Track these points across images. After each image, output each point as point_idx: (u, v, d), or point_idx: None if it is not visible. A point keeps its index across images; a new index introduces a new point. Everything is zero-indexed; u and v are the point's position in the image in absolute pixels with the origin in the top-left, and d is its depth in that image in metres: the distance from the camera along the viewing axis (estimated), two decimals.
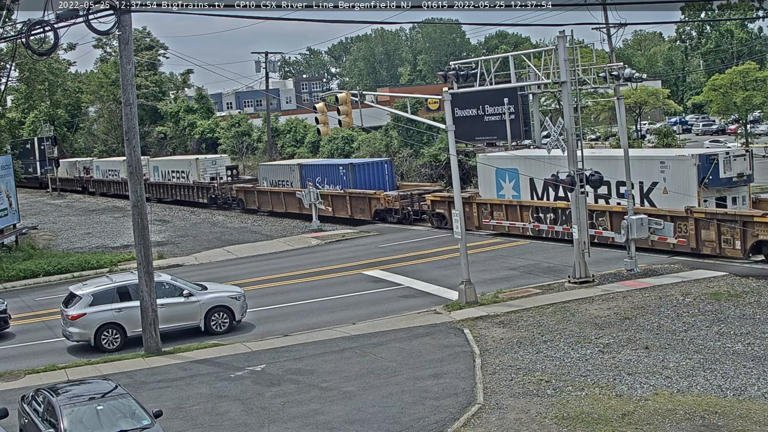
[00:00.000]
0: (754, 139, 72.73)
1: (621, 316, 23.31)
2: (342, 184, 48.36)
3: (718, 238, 28.80)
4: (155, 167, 69.59)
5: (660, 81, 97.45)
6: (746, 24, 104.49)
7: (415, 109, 61.81)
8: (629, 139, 38.32)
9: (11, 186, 44.80)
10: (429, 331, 23.53)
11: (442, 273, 31.21)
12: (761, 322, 21.92)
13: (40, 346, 25.95)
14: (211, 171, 62.33)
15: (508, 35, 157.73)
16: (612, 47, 61.34)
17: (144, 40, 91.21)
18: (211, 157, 65.36)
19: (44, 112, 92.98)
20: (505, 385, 18.54)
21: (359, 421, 17.13)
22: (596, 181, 28.24)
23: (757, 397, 16.94)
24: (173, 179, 66.21)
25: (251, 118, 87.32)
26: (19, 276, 37.38)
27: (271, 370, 21.08)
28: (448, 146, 27.45)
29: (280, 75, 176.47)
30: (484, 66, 29.41)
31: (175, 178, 65.97)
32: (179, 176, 65.39)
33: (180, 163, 67.00)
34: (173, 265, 38.01)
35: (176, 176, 65.98)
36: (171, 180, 66.50)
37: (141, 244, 23.45)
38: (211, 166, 62.84)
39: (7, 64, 48.44)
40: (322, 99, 34.58)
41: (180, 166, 66.01)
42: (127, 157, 23.70)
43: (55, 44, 23.32)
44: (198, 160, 63.48)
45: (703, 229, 29.24)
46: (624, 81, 29.46)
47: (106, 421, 15.10)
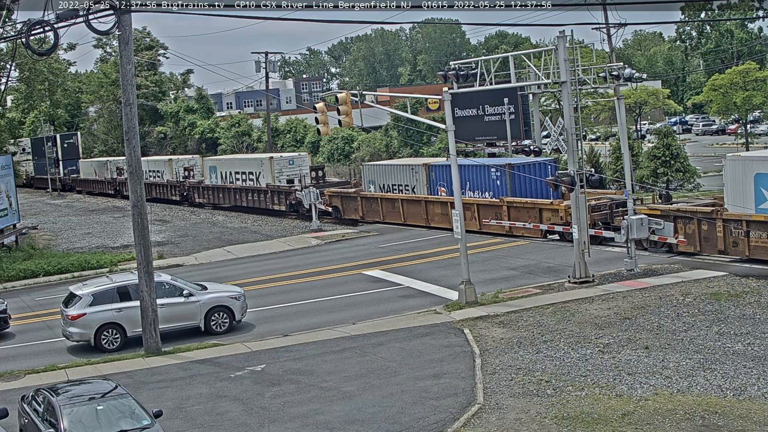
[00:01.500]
0: (754, 139, 72.69)
1: (621, 316, 23.31)
2: (495, 190, 38.82)
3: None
4: (212, 168, 61.37)
5: (660, 81, 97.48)
6: (746, 24, 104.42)
7: (415, 109, 61.92)
8: (629, 140, 38.28)
9: (11, 186, 44.81)
10: (429, 331, 23.53)
11: (442, 273, 31.21)
12: (761, 322, 21.92)
13: (40, 346, 25.95)
14: (288, 172, 53.20)
15: (508, 35, 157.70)
16: (612, 47, 61.28)
17: (144, 40, 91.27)
18: (288, 156, 56.31)
19: (44, 112, 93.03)
20: (505, 385, 18.54)
21: (359, 421, 17.13)
22: (596, 181, 28.24)
23: (757, 397, 16.94)
24: (237, 182, 57.52)
25: (251, 118, 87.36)
26: (19, 276, 37.38)
27: (271, 370, 21.07)
28: (448, 146, 27.45)
29: (280, 75, 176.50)
30: (484, 66, 29.41)
31: (240, 181, 57.03)
32: (246, 178, 56.25)
33: (247, 162, 57.35)
34: (173, 265, 38.01)
35: (242, 179, 56.96)
36: (234, 183, 57.63)
37: (141, 244, 23.45)
38: (288, 166, 53.76)
39: (7, 64, 48.47)
40: (322, 99, 34.54)
41: (247, 166, 56.59)
42: (127, 157, 23.69)
43: (55, 44, 23.31)
44: (272, 159, 54.26)
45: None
46: (624, 81, 29.43)
47: (106, 421, 15.10)
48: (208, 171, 61.69)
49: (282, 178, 52.96)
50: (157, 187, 67.63)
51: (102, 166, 78.70)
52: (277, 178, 53.16)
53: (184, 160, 66.69)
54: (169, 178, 66.26)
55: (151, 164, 69.39)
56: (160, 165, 68.44)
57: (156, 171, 68.87)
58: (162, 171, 67.61)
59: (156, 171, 68.87)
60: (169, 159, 68.03)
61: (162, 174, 67.63)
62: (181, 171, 64.62)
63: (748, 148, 67.50)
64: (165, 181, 66.78)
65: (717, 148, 76.04)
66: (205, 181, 61.85)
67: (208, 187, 60.93)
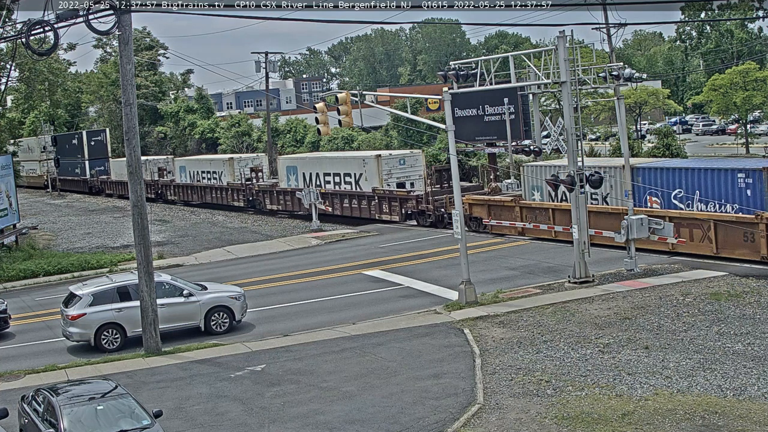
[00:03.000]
0: (754, 139, 72.74)
1: (621, 316, 23.31)
2: (743, 201, 28.79)
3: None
4: (291, 168, 51.68)
5: (660, 81, 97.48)
6: (746, 24, 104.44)
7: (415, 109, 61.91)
8: (629, 140, 38.29)
9: (11, 186, 44.82)
10: (429, 331, 23.53)
11: (442, 273, 31.21)
12: (761, 322, 21.91)
13: (40, 346, 25.96)
14: (398, 173, 45.26)
15: (508, 35, 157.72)
16: (612, 47, 61.31)
17: (144, 40, 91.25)
18: (399, 154, 46.97)
19: (44, 112, 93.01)
20: (505, 385, 18.54)
21: (359, 421, 17.13)
22: (596, 181, 28.22)
23: (757, 397, 16.94)
24: (329, 186, 48.67)
25: (251, 118, 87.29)
26: (19, 276, 37.40)
27: (271, 370, 21.07)
28: (448, 146, 27.46)
29: (280, 75, 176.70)
30: (484, 66, 29.40)
31: (333, 185, 48.46)
32: (341, 181, 48.11)
33: (342, 162, 48.37)
34: (173, 265, 38.01)
35: (334, 181, 48.60)
36: (324, 187, 48.67)
37: (141, 244, 23.46)
38: (398, 166, 45.32)
39: (7, 64, 48.47)
40: (322, 99, 34.56)
41: (342, 166, 48.01)
42: (127, 157, 23.71)
43: (55, 44, 23.30)
44: (379, 158, 45.21)
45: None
46: (624, 81, 29.44)
47: (106, 421, 15.10)
48: (285, 172, 52.31)
49: (391, 181, 44.72)
50: (214, 192, 60.42)
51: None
52: (385, 181, 44.62)
53: (248, 159, 59.69)
54: (230, 180, 58.78)
55: (203, 164, 63.14)
56: (217, 165, 60.78)
57: (211, 172, 61.40)
58: (220, 172, 60.01)
59: (211, 172, 61.40)
60: (229, 158, 60.14)
61: (220, 175, 59.92)
62: (246, 172, 57.08)
63: (748, 149, 67.59)
64: (225, 183, 59.23)
65: (717, 148, 76.02)
66: (281, 183, 52.87)
67: (285, 191, 51.92)
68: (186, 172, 65.11)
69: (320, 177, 49.29)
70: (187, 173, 64.87)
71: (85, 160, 79.44)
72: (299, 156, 56.13)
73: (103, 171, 77.39)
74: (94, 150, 78.51)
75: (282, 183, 52.73)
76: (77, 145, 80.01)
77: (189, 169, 65.05)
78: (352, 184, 46.68)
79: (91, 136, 78.77)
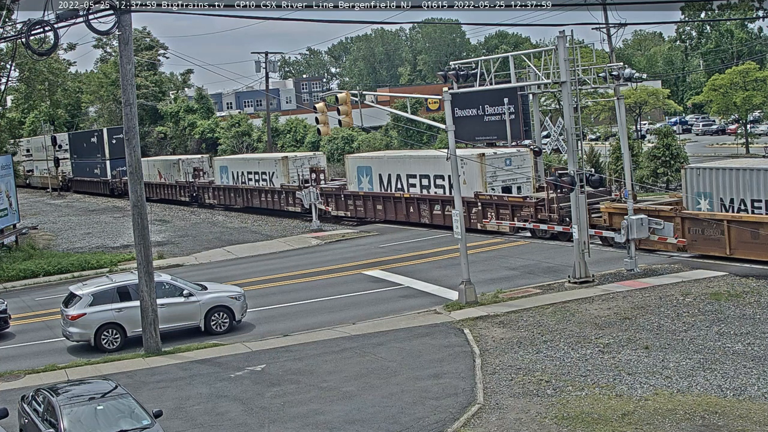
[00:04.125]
0: (754, 139, 72.75)
1: (621, 316, 23.31)
2: None
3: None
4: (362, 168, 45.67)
5: (660, 81, 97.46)
6: (746, 24, 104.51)
7: (415, 109, 61.97)
8: (629, 140, 38.28)
9: (11, 186, 44.82)
10: (429, 331, 23.53)
11: (442, 273, 31.21)
12: (761, 322, 21.91)
13: (40, 346, 25.95)
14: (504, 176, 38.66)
15: (508, 35, 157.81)
16: (612, 47, 61.32)
17: (144, 40, 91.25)
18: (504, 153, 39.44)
19: (44, 112, 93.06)
20: (505, 385, 18.54)
21: (359, 421, 17.13)
22: (596, 182, 28.25)
23: (757, 397, 16.94)
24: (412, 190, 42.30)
25: (251, 118, 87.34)
26: (19, 276, 37.40)
27: (271, 370, 21.07)
28: (448, 146, 27.45)
29: (280, 75, 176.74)
30: (484, 66, 29.41)
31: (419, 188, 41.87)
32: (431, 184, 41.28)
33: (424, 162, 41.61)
34: (173, 265, 38.01)
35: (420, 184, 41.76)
36: (408, 191, 42.67)
37: (141, 244, 23.46)
38: (504, 167, 38.64)
39: (7, 64, 48.48)
40: (322, 99, 34.54)
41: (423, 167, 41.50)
42: (127, 157, 23.72)
43: (55, 44, 23.31)
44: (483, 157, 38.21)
45: None
46: (624, 81, 29.46)
47: (106, 421, 15.10)
48: (356, 173, 46.30)
49: (496, 185, 38.55)
50: (264, 195, 53.84)
51: (171, 167, 65.73)
52: (489, 184, 38.43)
53: (304, 158, 53.64)
54: (284, 182, 52.02)
55: (250, 164, 56.77)
56: (268, 165, 54.32)
57: (260, 173, 55.03)
58: (271, 173, 53.51)
59: (260, 173, 55.03)
60: (283, 157, 53.38)
61: (271, 177, 53.51)
62: (304, 172, 51.03)
63: (749, 149, 67.61)
64: (278, 186, 52.41)
65: (717, 148, 76.04)
66: (350, 186, 46.90)
67: (356, 195, 45.64)
68: (228, 172, 58.12)
69: (402, 179, 42.87)
70: (229, 174, 57.84)
71: (106, 160, 74.34)
72: (374, 155, 48.83)
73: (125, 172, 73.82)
74: (117, 149, 71.26)
75: (351, 185, 46.59)
76: (96, 143, 75.33)
77: (232, 170, 58.16)
78: (444, 187, 40.09)
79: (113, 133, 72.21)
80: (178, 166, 63.64)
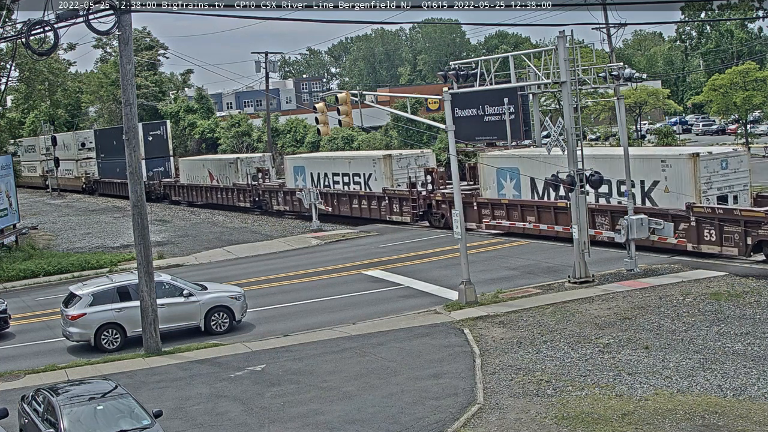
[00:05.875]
0: (754, 139, 72.75)
1: (621, 316, 23.31)
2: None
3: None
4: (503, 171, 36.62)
5: (660, 81, 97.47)
6: (746, 24, 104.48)
7: (415, 109, 61.91)
8: (629, 139, 38.29)
9: (11, 186, 44.82)
10: (429, 331, 23.53)
11: (442, 273, 31.21)
12: (761, 322, 21.91)
13: (40, 346, 25.96)
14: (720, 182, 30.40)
15: (508, 35, 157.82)
16: (612, 47, 61.37)
17: (144, 40, 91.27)
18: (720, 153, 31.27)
19: (44, 112, 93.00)
20: (505, 385, 18.54)
21: (359, 421, 17.13)
22: (596, 181, 28.21)
23: (757, 397, 16.94)
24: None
25: (251, 118, 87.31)
26: (19, 276, 37.39)
27: (271, 370, 21.08)
28: (448, 146, 27.46)
29: (280, 75, 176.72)
30: (484, 66, 29.40)
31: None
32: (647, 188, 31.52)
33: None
34: (173, 265, 38.01)
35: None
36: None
37: (141, 244, 23.46)
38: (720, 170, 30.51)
39: (7, 64, 48.47)
40: (322, 99, 34.55)
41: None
42: (127, 157, 23.73)
43: (55, 44, 23.32)
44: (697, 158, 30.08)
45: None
46: (624, 81, 29.43)
47: (106, 421, 15.10)
48: (495, 176, 37.71)
49: (711, 194, 30.31)
50: (358, 201, 45.84)
51: (226, 167, 57.35)
52: (704, 193, 30.19)
53: (410, 157, 44.91)
54: (387, 185, 44.06)
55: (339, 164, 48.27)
56: (364, 164, 45.85)
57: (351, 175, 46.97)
58: (367, 174, 45.34)
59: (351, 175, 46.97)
60: (385, 156, 44.80)
61: (367, 179, 45.30)
62: (415, 172, 43.57)
63: (749, 149, 67.60)
64: (379, 191, 44.42)
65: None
66: (486, 193, 38.43)
67: (512, 203, 36.72)
68: (305, 174, 49.63)
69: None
70: (307, 176, 49.44)
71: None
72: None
73: (164, 172, 65.66)
74: (152, 147, 65.31)
75: (487, 192, 38.21)
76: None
77: (310, 171, 49.53)
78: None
79: (149, 129, 65.81)
80: (236, 166, 55.25)
